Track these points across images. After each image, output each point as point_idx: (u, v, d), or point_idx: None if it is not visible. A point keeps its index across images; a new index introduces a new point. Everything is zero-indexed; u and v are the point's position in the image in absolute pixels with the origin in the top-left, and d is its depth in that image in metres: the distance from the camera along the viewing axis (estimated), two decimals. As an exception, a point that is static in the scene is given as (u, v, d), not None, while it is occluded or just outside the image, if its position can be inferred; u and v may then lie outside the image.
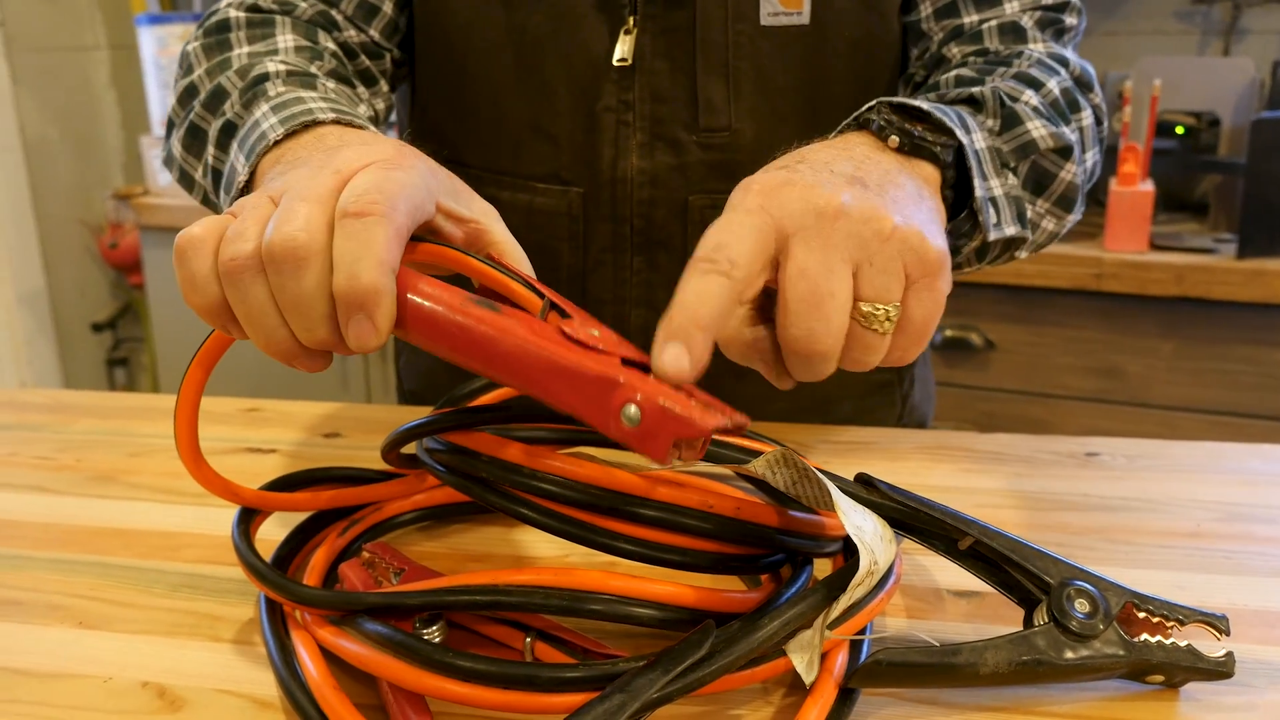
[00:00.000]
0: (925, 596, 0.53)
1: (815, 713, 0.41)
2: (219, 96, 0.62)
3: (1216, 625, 0.44)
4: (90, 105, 2.48)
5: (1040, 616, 0.44)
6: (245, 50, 0.65)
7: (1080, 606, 0.44)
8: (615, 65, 0.70)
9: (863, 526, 0.43)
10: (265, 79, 0.60)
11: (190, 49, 0.67)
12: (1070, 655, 0.43)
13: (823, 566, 0.48)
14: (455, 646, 0.41)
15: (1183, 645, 0.44)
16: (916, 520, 0.46)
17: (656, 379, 0.38)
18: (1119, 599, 0.44)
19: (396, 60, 0.76)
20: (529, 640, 0.44)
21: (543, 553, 0.57)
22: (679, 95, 0.71)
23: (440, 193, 0.46)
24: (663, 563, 0.44)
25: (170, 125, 0.67)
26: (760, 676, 0.42)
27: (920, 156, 0.51)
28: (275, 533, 0.54)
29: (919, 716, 0.43)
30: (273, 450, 0.71)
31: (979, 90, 0.60)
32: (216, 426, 0.75)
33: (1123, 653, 0.43)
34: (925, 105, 0.52)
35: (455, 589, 0.42)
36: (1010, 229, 0.56)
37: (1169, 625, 0.44)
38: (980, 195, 0.54)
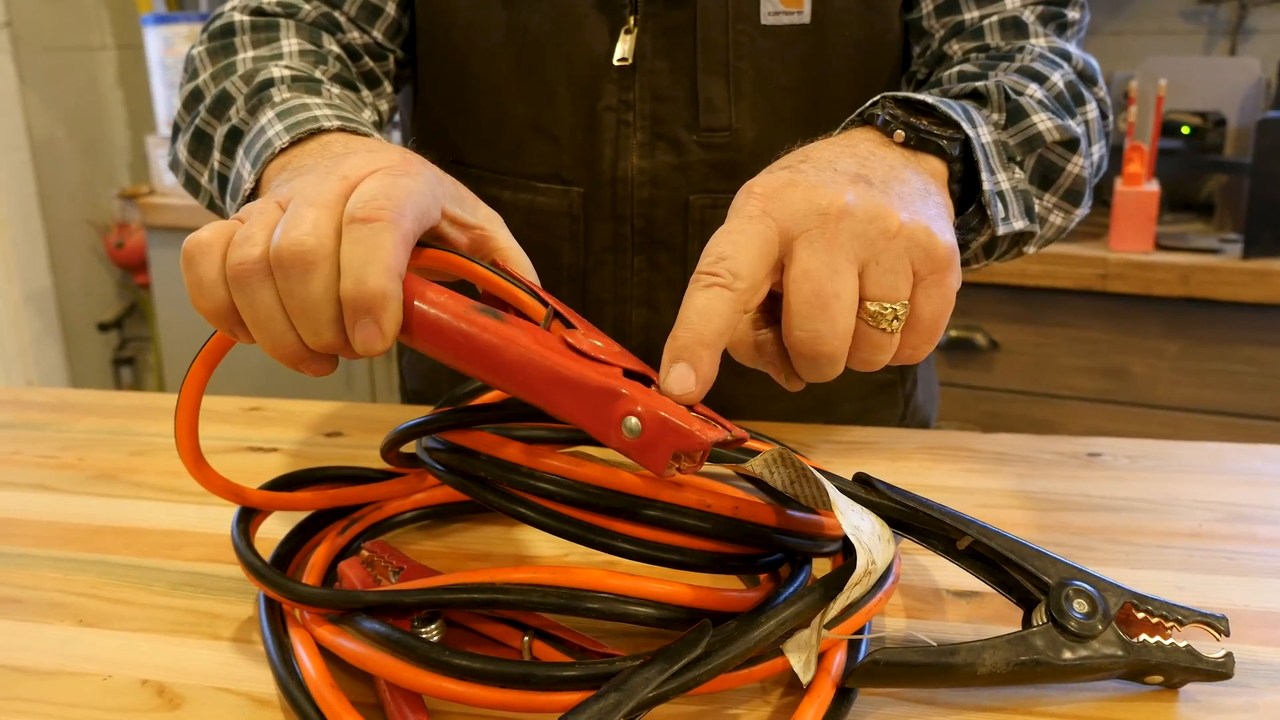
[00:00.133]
0: (925, 596, 0.52)
1: (812, 712, 0.41)
2: (224, 102, 0.62)
3: (1216, 626, 0.44)
4: (97, 105, 2.49)
5: (1039, 617, 0.44)
6: (250, 54, 0.65)
7: (1079, 607, 0.44)
8: (616, 65, 0.70)
9: (860, 526, 0.42)
10: (270, 84, 0.60)
11: (195, 53, 0.67)
12: (1068, 655, 0.43)
13: (822, 566, 0.48)
14: (454, 645, 0.41)
15: (1182, 646, 0.44)
16: (915, 520, 0.46)
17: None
18: (1118, 599, 0.44)
19: (400, 61, 0.76)
20: (527, 639, 0.44)
21: (543, 552, 0.57)
22: (679, 95, 0.71)
23: (446, 199, 0.46)
24: (661, 562, 0.44)
25: (176, 130, 0.67)
26: (758, 676, 0.42)
27: (926, 151, 0.50)
28: (278, 531, 0.54)
29: (916, 717, 0.43)
30: (274, 449, 0.71)
31: (983, 85, 0.59)
32: (218, 425, 0.75)
33: (1121, 653, 0.43)
34: (930, 99, 0.52)
35: (453, 587, 0.42)
36: (1019, 223, 0.55)
37: (1168, 626, 0.44)
38: (988, 189, 0.53)
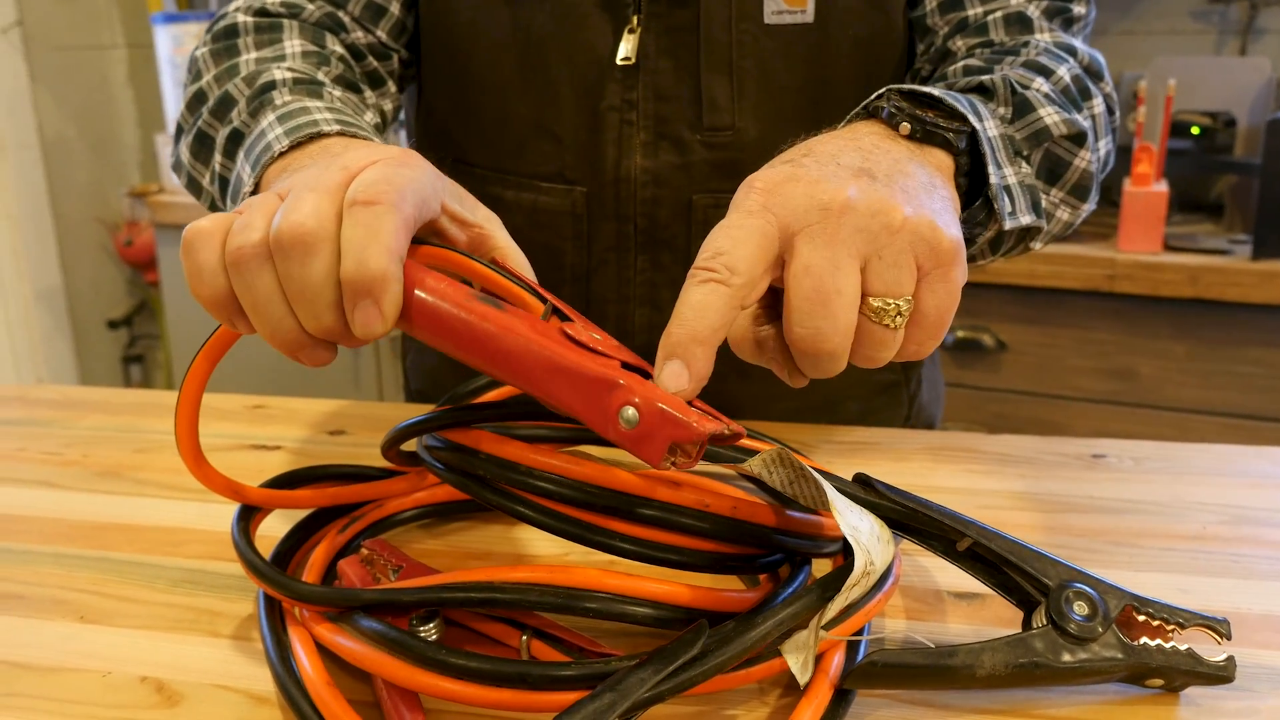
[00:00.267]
0: (925, 598, 0.52)
1: (809, 713, 0.41)
2: (226, 104, 0.62)
3: (1217, 629, 0.44)
4: (107, 104, 2.50)
5: (1039, 619, 0.44)
6: (253, 56, 0.65)
7: (1079, 609, 0.43)
8: (619, 64, 0.70)
9: (859, 527, 0.42)
10: (272, 87, 0.60)
11: (199, 54, 0.67)
12: (1068, 658, 0.42)
13: (822, 567, 0.48)
14: (452, 644, 0.41)
15: (1183, 649, 0.43)
16: (915, 521, 0.46)
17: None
18: (1118, 602, 0.44)
19: (404, 61, 0.76)
20: (525, 638, 0.44)
21: (543, 551, 0.57)
22: (683, 94, 0.71)
23: (446, 194, 0.46)
24: (660, 562, 0.44)
25: (179, 131, 0.67)
26: (756, 676, 0.42)
27: (932, 143, 0.50)
28: (279, 529, 0.54)
29: (915, 719, 0.43)
30: (277, 447, 0.71)
31: (989, 79, 0.59)
32: (221, 423, 0.76)
33: (1121, 656, 0.43)
34: (937, 91, 0.51)
35: (451, 586, 0.42)
36: (1025, 218, 0.55)
37: (1169, 628, 0.44)
38: (995, 183, 0.52)
